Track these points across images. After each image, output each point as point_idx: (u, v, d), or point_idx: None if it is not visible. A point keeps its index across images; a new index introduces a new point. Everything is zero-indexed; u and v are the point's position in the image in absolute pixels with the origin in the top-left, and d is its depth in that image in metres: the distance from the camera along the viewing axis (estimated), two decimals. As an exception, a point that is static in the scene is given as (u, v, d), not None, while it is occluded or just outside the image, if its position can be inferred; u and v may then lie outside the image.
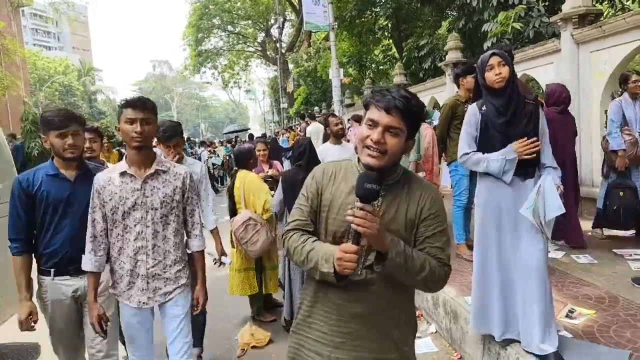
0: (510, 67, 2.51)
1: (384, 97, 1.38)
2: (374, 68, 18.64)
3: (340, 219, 1.44)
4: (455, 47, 8.83)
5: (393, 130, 1.38)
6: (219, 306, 4.50)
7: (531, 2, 7.58)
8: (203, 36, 32.10)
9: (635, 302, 3.20)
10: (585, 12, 5.62)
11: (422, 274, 1.40)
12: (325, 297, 1.50)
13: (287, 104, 26.57)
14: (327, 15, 12.53)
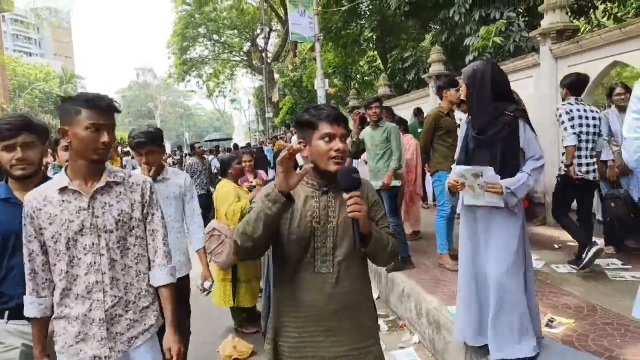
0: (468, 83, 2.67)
1: (329, 112, 1.59)
2: (359, 79, 18.81)
3: (303, 225, 1.59)
4: (438, 60, 8.99)
5: (344, 137, 1.60)
6: (201, 317, 4.43)
7: (511, 17, 7.78)
8: (188, 45, 31.98)
9: (612, 311, 3.25)
10: (563, 28, 5.79)
11: (388, 246, 1.64)
12: (300, 302, 1.60)
13: (272, 113, 26.56)
14: (313, 27, 12.63)
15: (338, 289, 1.59)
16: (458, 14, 8.44)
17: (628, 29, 4.77)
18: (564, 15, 5.95)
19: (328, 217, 1.61)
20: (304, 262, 1.60)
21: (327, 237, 1.60)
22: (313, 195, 1.62)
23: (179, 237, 2.96)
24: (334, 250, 1.59)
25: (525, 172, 2.53)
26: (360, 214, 1.47)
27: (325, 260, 1.59)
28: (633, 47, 4.82)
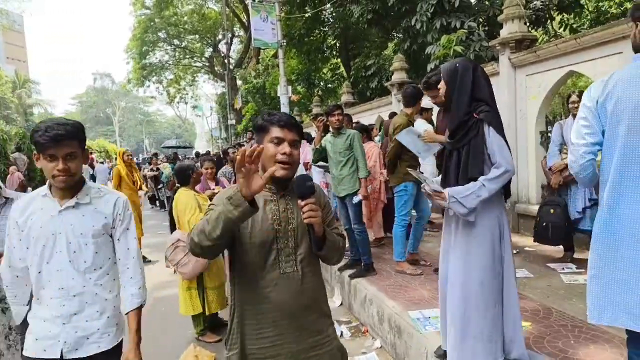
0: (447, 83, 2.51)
1: (280, 117, 1.66)
2: (322, 86, 18.85)
3: (265, 228, 1.64)
4: (400, 68, 9.08)
5: (295, 144, 1.66)
6: (162, 326, 4.26)
7: (472, 26, 7.96)
8: (148, 49, 31.12)
9: (566, 314, 3.30)
10: (521, 38, 5.95)
11: (339, 246, 1.76)
12: (271, 303, 1.64)
13: (235, 120, 26.18)
14: (276, 33, 12.52)
15: (305, 285, 1.68)
16: (420, 22, 8.57)
17: (583, 40, 4.93)
18: (523, 26, 6.12)
19: (288, 219, 1.67)
20: (269, 264, 1.64)
21: (289, 238, 1.66)
22: (272, 199, 1.68)
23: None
24: (295, 249, 1.67)
25: (480, 181, 2.35)
26: (316, 219, 1.57)
27: (289, 260, 1.66)
28: (588, 57, 4.99)
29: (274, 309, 1.64)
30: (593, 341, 2.86)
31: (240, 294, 1.70)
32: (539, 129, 5.83)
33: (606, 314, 1.84)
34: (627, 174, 1.76)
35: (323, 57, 17.18)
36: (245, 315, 1.67)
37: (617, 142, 1.78)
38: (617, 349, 2.71)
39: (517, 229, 6.09)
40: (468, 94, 2.42)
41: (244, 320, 1.68)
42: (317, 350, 1.72)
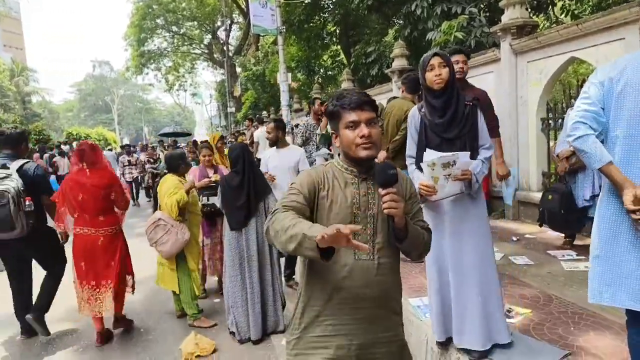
0: (451, 69, 2.48)
1: (350, 99, 1.58)
2: (322, 73, 18.73)
3: (344, 211, 1.59)
4: (401, 55, 9.00)
5: (372, 121, 1.58)
6: (161, 315, 4.31)
7: (473, 12, 7.87)
8: (146, 36, 30.90)
9: (566, 300, 3.33)
10: (522, 24, 5.89)
11: (423, 242, 1.66)
12: (341, 289, 1.58)
13: (234, 108, 26.09)
14: (275, 19, 12.40)
15: (379, 276, 1.60)
16: (420, 8, 8.47)
17: (585, 25, 4.88)
18: (524, 11, 6.05)
19: (368, 204, 1.61)
20: (343, 249, 1.53)
21: (368, 224, 1.60)
22: (353, 182, 1.63)
23: None
24: (373, 237, 1.60)
25: (480, 159, 2.51)
26: (396, 211, 1.48)
27: None
28: (590, 43, 4.94)
29: (343, 296, 1.58)
30: (593, 328, 2.89)
31: (310, 277, 1.65)
32: (540, 115, 5.80)
33: (606, 294, 1.86)
34: (631, 157, 1.77)
35: (323, 43, 17.03)
36: (313, 299, 1.62)
37: (620, 125, 1.78)
38: (617, 335, 2.74)
39: (517, 216, 6.11)
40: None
41: (310, 305, 1.63)
42: (381, 348, 1.65)
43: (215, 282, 4.96)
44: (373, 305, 1.61)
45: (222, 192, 3.60)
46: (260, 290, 3.59)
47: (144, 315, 4.39)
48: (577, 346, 2.67)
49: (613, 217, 1.85)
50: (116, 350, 3.73)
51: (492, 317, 2.56)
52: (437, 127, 2.51)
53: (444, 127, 2.49)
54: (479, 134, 2.54)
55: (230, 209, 3.55)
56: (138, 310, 4.51)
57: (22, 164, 3.77)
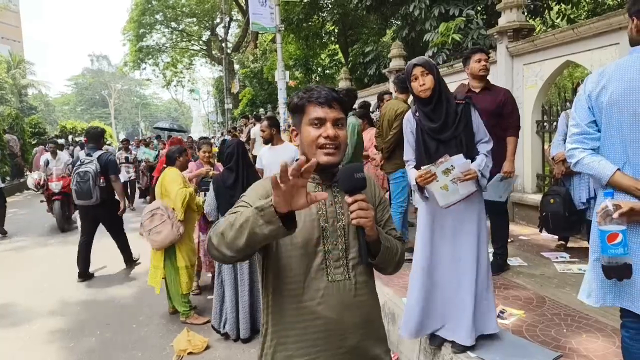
0: (435, 75, 2.52)
1: (319, 93, 1.36)
2: (320, 72, 18.72)
3: (310, 224, 1.34)
4: (398, 55, 9.03)
5: (340, 122, 1.37)
6: (154, 311, 4.30)
7: (470, 14, 7.90)
8: (145, 32, 30.79)
9: (559, 302, 3.35)
10: (519, 27, 5.92)
11: (397, 253, 1.45)
12: (316, 318, 1.32)
13: (231, 104, 26.05)
14: (274, 17, 12.37)
15: (359, 297, 1.37)
16: (418, 9, 8.49)
17: (580, 30, 4.91)
18: (521, 15, 6.08)
19: (337, 215, 1.37)
20: (314, 269, 1.33)
21: (338, 238, 1.36)
22: (315, 191, 1.37)
23: None
24: (346, 252, 1.36)
25: (482, 153, 2.59)
26: (366, 220, 1.26)
27: (339, 265, 1.35)
28: (585, 47, 4.97)
29: (320, 327, 1.32)
30: (585, 330, 2.92)
31: (275, 308, 1.36)
32: (535, 118, 5.84)
33: (609, 296, 1.87)
34: (630, 160, 1.78)
35: (321, 42, 17.03)
36: (283, 337, 1.35)
37: (617, 130, 1.79)
38: (609, 338, 2.77)
39: (512, 218, 6.14)
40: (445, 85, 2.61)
41: (280, 344, 1.35)
42: None
43: (210, 278, 4.97)
44: (356, 334, 1.36)
45: (216, 190, 3.58)
46: (250, 290, 3.57)
47: (135, 311, 4.38)
48: (569, 348, 2.70)
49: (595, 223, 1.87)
50: (107, 346, 3.71)
51: (484, 315, 2.62)
52: (432, 131, 2.58)
53: (438, 130, 2.55)
54: (475, 130, 2.60)
55: (224, 205, 3.53)
56: (130, 306, 4.51)
57: (100, 154, 5.43)
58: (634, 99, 1.72)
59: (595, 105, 1.83)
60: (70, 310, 4.42)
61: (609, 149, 1.84)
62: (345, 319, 1.34)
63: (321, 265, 1.34)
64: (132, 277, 5.38)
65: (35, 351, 3.72)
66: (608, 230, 1.70)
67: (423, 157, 2.60)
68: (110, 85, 62.19)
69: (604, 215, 1.72)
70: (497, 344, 2.68)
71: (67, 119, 36.71)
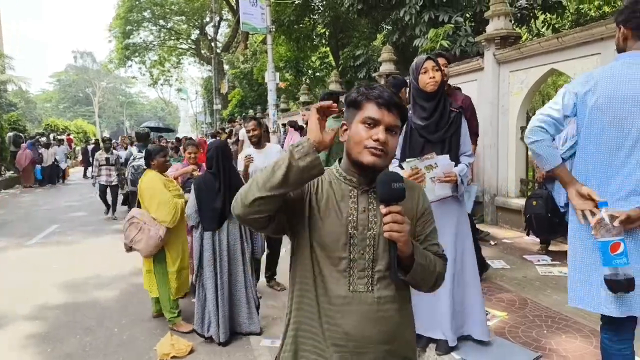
0: (443, 73, 2.62)
1: (380, 93, 1.27)
2: (310, 74, 18.77)
3: (338, 229, 1.28)
4: (388, 59, 9.13)
5: (394, 130, 1.29)
6: (137, 315, 4.22)
7: (459, 21, 8.03)
8: (132, 29, 30.44)
9: (541, 304, 3.45)
10: (506, 34, 6.05)
11: (435, 272, 1.32)
12: (332, 327, 1.28)
13: (220, 105, 25.93)
14: (265, 18, 12.38)
15: (381, 312, 1.27)
16: (409, 15, 8.60)
17: (565, 39, 5.05)
18: (508, 23, 6.22)
19: (368, 223, 1.29)
20: (335, 277, 1.28)
21: (366, 247, 1.28)
22: (351, 195, 1.31)
23: None
24: (373, 264, 1.28)
25: (464, 163, 2.67)
26: (399, 235, 1.17)
27: (363, 275, 1.27)
28: (568, 56, 5.11)
29: (338, 336, 1.27)
30: (565, 331, 3.01)
31: (298, 307, 1.34)
32: (519, 124, 5.97)
33: (586, 299, 1.92)
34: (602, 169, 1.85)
35: (312, 45, 17.09)
36: (301, 337, 1.33)
37: (596, 135, 1.85)
38: (587, 339, 2.87)
39: (495, 222, 6.27)
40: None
41: (298, 344, 1.33)
42: None
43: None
44: (377, 351, 1.27)
45: (197, 192, 3.46)
46: (230, 293, 3.53)
47: (118, 314, 4.26)
48: (549, 349, 2.79)
49: (577, 224, 1.95)
50: (86, 350, 3.59)
51: (473, 319, 2.68)
52: (423, 129, 2.63)
53: (431, 128, 2.61)
54: (462, 141, 2.68)
55: (205, 210, 3.45)
56: (113, 309, 4.40)
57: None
58: (617, 106, 1.79)
59: (581, 106, 1.89)
60: (49, 314, 4.31)
61: (584, 149, 1.91)
62: (365, 334, 1.26)
63: (344, 273, 1.28)
64: (115, 279, 5.27)
65: (8, 357, 3.57)
66: (609, 241, 1.71)
67: (407, 155, 2.66)
68: (95, 83, 61.20)
69: (599, 227, 1.74)
70: (480, 345, 2.74)
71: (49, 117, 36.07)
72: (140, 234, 3.64)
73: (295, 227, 1.33)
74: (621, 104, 1.78)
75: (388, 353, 1.29)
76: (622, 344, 1.89)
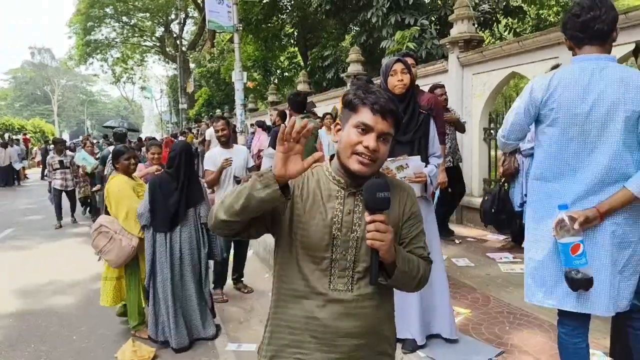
0: (412, 75, 2.62)
1: (377, 99, 1.26)
2: (278, 74, 18.70)
3: (322, 229, 1.30)
4: (356, 60, 9.19)
5: (385, 137, 1.28)
6: (97, 322, 4.06)
7: (424, 24, 8.19)
8: (93, 25, 29.45)
9: (503, 301, 3.54)
10: (469, 38, 6.21)
11: (418, 276, 1.33)
12: (312, 320, 1.31)
13: (187, 104, 25.42)
14: (232, 16, 12.18)
15: (358, 309, 1.31)
16: (376, 17, 8.71)
17: (525, 43, 5.23)
18: (471, 26, 6.38)
19: (352, 225, 1.30)
20: (316, 275, 1.31)
21: (349, 249, 1.30)
22: (337, 195, 1.32)
23: None
24: (353, 265, 1.31)
25: (433, 164, 2.69)
26: (380, 244, 1.19)
27: (344, 275, 1.31)
28: (528, 60, 5.30)
29: (315, 330, 1.32)
30: (526, 327, 3.10)
31: (280, 297, 1.38)
32: (482, 125, 6.14)
33: (539, 295, 1.98)
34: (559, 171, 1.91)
35: (280, 45, 17.02)
36: (282, 326, 1.37)
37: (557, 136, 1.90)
38: (546, 334, 2.96)
39: (460, 220, 6.41)
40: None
41: (278, 332, 1.37)
42: None
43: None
44: (352, 343, 1.32)
45: (152, 193, 3.36)
46: (185, 298, 3.44)
47: (77, 321, 4.10)
48: (511, 344, 2.85)
49: (533, 224, 2.00)
50: None
51: (440, 317, 2.73)
52: None
53: (401, 129, 2.62)
54: (430, 142, 2.71)
55: (158, 211, 3.34)
56: (71, 316, 4.21)
57: None
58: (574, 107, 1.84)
59: (542, 109, 1.93)
60: (1, 323, 4.10)
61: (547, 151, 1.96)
62: (341, 328, 1.30)
63: (325, 272, 1.31)
64: (74, 285, 5.05)
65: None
66: (570, 242, 1.77)
67: None
68: (54, 81, 58.81)
69: (560, 228, 1.79)
70: (446, 342, 2.78)
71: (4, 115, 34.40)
72: (110, 244, 3.47)
73: (278, 228, 1.35)
74: (577, 104, 1.84)
75: (364, 347, 1.33)
76: (578, 337, 1.95)
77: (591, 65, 1.85)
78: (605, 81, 1.80)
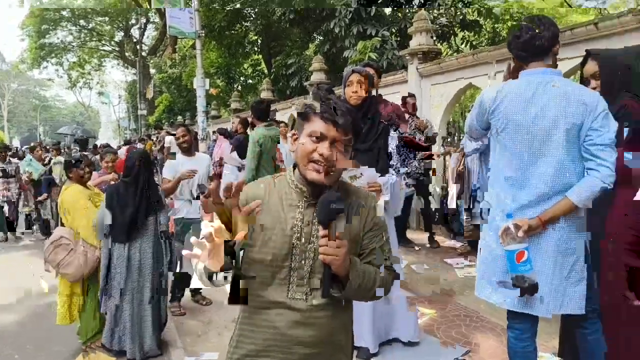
0: (367, 86, 2.65)
1: (326, 108, 1.28)
2: (242, 81, 18.58)
3: (281, 238, 1.31)
4: (319, 69, 9.28)
5: (342, 145, 1.30)
6: (44, 339, 3.81)
7: (385, 35, 8.38)
8: (48, 28, 28.24)
9: (460, 304, 3.66)
10: (428, 50, 6.40)
11: (373, 289, 1.33)
12: (271, 328, 1.34)
13: (146, 111, 24.77)
14: (194, 22, 12.02)
15: (313, 319, 1.33)
16: (338, 27, 8.84)
17: (480, 56, 5.44)
18: (429, 39, 6.58)
19: (310, 237, 1.32)
20: (276, 282, 1.33)
21: (306, 259, 1.32)
22: (298, 205, 1.34)
23: None
24: (310, 275, 1.32)
25: (389, 175, 2.71)
26: (331, 259, 1.19)
27: (302, 284, 1.32)
28: (483, 72, 5.52)
29: (274, 339, 1.35)
30: (480, 329, 3.20)
31: (243, 311, 1.42)
32: (441, 134, 6.31)
33: (486, 291, 2.06)
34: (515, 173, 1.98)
35: (244, 52, 16.91)
36: (247, 334, 1.40)
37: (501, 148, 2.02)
38: (499, 337, 3.08)
39: (417, 227, 6.55)
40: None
41: (242, 340, 1.40)
42: None
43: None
44: (306, 352, 1.35)
45: (109, 201, 3.24)
46: (140, 309, 3.32)
47: (22, 339, 3.83)
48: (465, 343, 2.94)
49: (486, 224, 2.09)
50: None
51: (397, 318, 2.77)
52: None
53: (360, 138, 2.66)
54: (392, 152, 2.77)
55: (115, 221, 3.23)
56: (15, 334, 3.93)
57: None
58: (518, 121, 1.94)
59: (492, 118, 2.03)
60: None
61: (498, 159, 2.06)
62: (295, 335, 1.33)
63: (284, 281, 1.32)
64: (18, 301, 4.73)
65: None
66: (515, 250, 1.84)
67: None
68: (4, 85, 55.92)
69: (506, 236, 1.86)
70: (407, 346, 2.82)
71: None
72: (70, 257, 3.29)
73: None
74: (521, 115, 1.93)
75: (317, 356, 1.36)
76: (525, 341, 2.03)
77: (537, 79, 1.94)
78: (549, 95, 1.90)
